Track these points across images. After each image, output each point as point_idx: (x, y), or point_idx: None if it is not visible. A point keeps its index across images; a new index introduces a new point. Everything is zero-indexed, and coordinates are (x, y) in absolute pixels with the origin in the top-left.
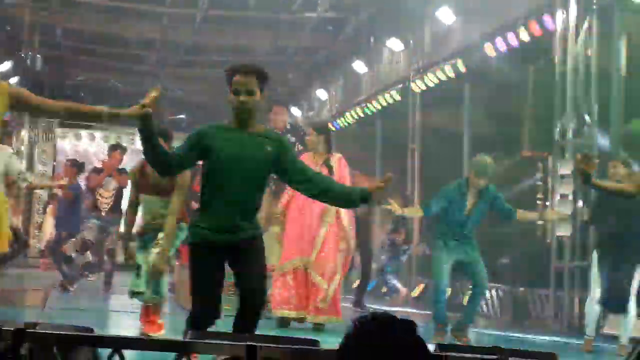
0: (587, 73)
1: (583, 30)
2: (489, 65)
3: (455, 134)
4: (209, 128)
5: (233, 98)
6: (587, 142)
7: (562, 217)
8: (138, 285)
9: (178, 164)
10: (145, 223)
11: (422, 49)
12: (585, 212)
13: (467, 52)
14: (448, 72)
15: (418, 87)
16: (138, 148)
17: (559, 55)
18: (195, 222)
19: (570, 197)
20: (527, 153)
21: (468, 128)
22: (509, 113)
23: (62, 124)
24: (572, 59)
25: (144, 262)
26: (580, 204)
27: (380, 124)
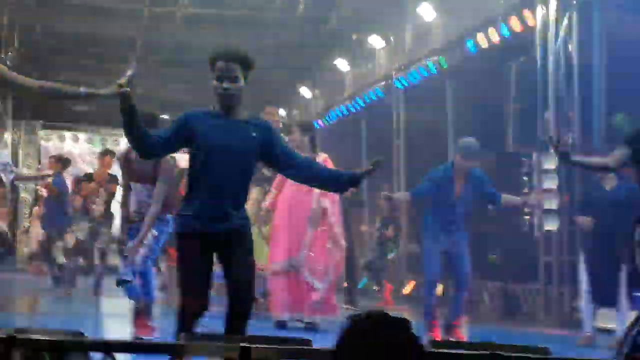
0: (568, 68)
1: (563, 26)
2: (471, 62)
3: (440, 130)
4: (195, 114)
5: (217, 85)
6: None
7: (543, 199)
8: (126, 274)
9: (161, 147)
10: (133, 211)
11: (403, 46)
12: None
13: (448, 48)
14: (430, 68)
15: (401, 84)
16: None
17: (540, 51)
18: (181, 210)
19: (556, 191)
20: (511, 149)
21: (452, 124)
22: (492, 109)
23: (45, 126)
24: (553, 54)
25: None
26: (566, 199)
27: (365, 122)
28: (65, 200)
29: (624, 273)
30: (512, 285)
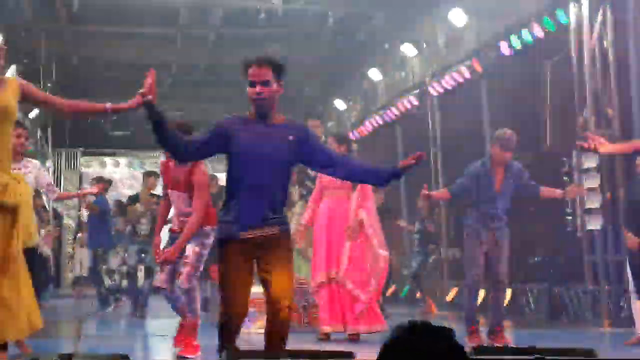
0: (604, 64)
1: (597, 22)
2: (505, 64)
3: (476, 135)
4: (231, 119)
5: (250, 90)
6: (610, 133)
7: (584, 191)
8: (163, 281)
9: (197, 151)
10: (174, 218)
11: (436, 52)
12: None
13: (481, 52)
14: (464, 73)
15: (435, 90)
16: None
17: (575, 49)
18: (221, 217)
19: (598, 190)
20: (549, 149)
21: (489, 128)
22: (529, 110)
23: (85, 153)
24: (588, 52)
25: None
26: (608, 197)
27: (400, 130)
28: (109, 220)
29: None
30: (556, 287)
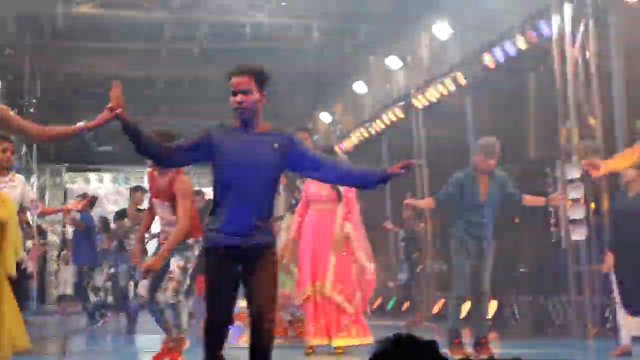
0: (587, 75)
1: (580, 33)
2: (489, 76)
3: (461, 147)
4: (216, 128)
5: (232, 99)
6: (591, 145)
7: (566, 198)
8: (143, 290)
9: (179, 156)
10: (160, 228)
11: (421, 65)
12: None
13: (466, 64)
14: (448, 85)
15: (420, 102)
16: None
17: (558, 60)
18: (208, 225)
19: (582, 200)
20: (534, 159)
21: (473, 140)
22: (513, 121)
23: (70, 169)
24: (571, 63)
25: None
26: (592, 207)
27: (386, 143)
28: (94, 237)
29: None
30: (542, 298)
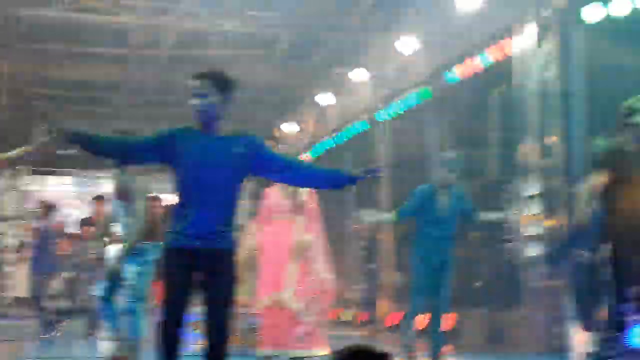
0: (547, 94)
1: (542, 53)
2: (453, 92)
3: (425, 160)
4: (178, 130)
5: (190, 103)
6: (551, 163)
7: (520, 215)
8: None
9: (139, 151)
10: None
11: (386, 78)
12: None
13: (430, 79)
14: (413, 100)
15: (384, 116)
16: (106, 191)
17: (520, 79)
18: (170, 228)
19: (539, 217)
20: (494, 176)
21: (435, 154)
22: (475, 138)
23: (29, 172)
24: (532, 81)
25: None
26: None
27: (350, 154)
28: (53, 245)
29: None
30: (496, 312)
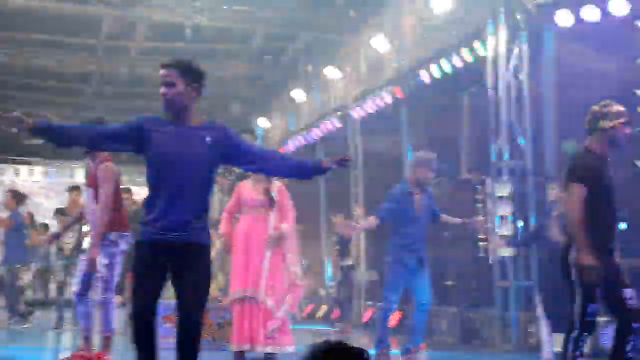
0: (519, 96)
1: (513, 55)
2: (425, 91)
3: (396, 159)
4: (147, 119)
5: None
6: (522, 163)
7: (486, 225)
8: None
9: (105, 139)
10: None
11: (359, 77)
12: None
13: (402, 78)
14: (385, 98)
15: (357, 113)
16: (78, 181)
17: (492, 80)
18: (142, 220)
19: (510, 218)
20: (466, 176)
21: (407, 153)
22: (447, 138)
23: None
24: (504, 84)
25: None
26: (520, 224)
27: (322, 151)
28: (23, 235)
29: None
30: (468, 311)
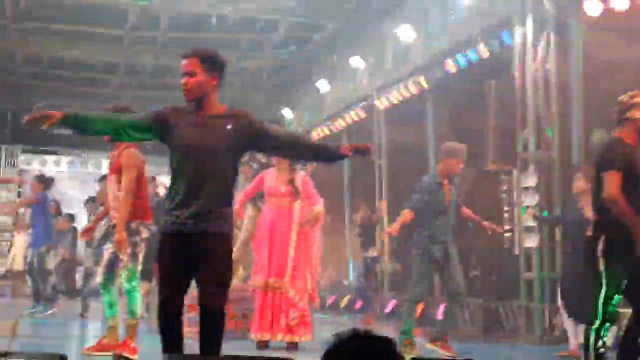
0: (546, 87)
1: (540, 45)
2: (451, 81)
3: (421, 150)
4: (170, 109)
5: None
6: (549, 154)
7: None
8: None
9: (132, 127)
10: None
11: (383, 67)
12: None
13: (428, 68)
14: (410, 88)
15: (382, 104)
16: (105, 172)
17: (519, 70)
18: (166, 209)
19: (536, 208)
20: (492, 167)
21: (432, 143)
22: (473, 128)
23: (25, 150)
24: (531, 74)
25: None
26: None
27: (346, 142)
28: (50, 217)
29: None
30: (492, 302)
